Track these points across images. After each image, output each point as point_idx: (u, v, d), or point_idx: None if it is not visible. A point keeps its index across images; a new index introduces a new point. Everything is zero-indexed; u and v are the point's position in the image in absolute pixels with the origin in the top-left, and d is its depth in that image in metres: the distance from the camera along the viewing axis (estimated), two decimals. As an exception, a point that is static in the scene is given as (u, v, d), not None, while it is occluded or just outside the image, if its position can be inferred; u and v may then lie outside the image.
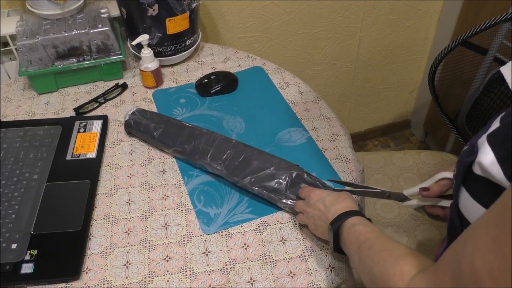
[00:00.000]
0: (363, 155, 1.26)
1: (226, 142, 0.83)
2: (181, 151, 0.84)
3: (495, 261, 0.38)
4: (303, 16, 1.41)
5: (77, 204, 0.78)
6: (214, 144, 0.82)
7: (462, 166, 0.51)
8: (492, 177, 0.47)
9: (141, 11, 0.96)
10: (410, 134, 1.98)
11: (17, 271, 0.68)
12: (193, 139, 0.84)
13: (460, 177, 0.52)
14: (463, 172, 0.51)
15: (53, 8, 0.99)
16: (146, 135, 0.88)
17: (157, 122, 0.88)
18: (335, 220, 0.64)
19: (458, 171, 0.53)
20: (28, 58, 0.96)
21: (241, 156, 0.80)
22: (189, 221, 0.77)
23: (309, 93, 1.02)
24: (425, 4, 1.53)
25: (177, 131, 0.86)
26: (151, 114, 0.91)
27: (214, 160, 0.80)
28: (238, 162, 0.79)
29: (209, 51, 1.14)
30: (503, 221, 0.38)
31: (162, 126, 0.87)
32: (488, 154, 0.47)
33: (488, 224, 0.40)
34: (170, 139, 0.85)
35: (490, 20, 0.97)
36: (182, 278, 0.69)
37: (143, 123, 0.88)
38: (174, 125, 0.87)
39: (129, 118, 0.90)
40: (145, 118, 0.89)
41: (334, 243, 0.65)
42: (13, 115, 0.98)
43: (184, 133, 0.85)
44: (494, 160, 0.46)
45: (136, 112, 0.91)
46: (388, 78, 1.75)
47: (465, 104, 1.15)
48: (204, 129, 0.86)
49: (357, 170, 0.85)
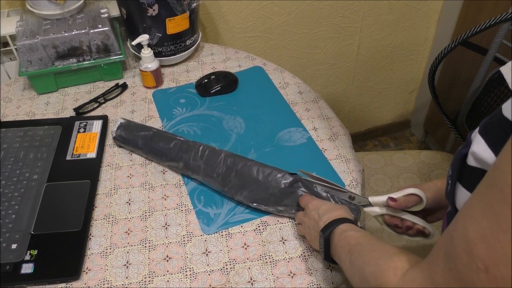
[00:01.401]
0: (363, 155, 1.26)
1: (215, 156, 0.79)
2: (175, 167, 0.83)
3: (487, 224, 0.37)
4: (303, 16, 1.41)
5: (77, 204, 0.78)
6: (203, 159, 0.79)
7: (457, 159, 0.51)
8: (486, 164, 0.47)
9: (141, 11, 0.96)
10: (410, 134, 1.98)
11: (17, 271, 0.68)
12: (182, 154, 0.81)
13: (455, 172, 0.52)
14: (459, 166, 0.51)
15: (53, 8, 0.99)
16: (137, 151, 0.87)
17: (143, 137, 0.85)
18: (326, 227, 0.63)
19: (453, 167, 0.53)
20: (28, 58, 0.96)
21: (232, 171, 0.77)
22: (189, 221, 0.77)
23: (309, 93, 1.02)
24: (425, 4, 1.53)
25: (165, 145, 0.83)
26: (135, 128, 0.87)
27: (207, 176, 0.79)
28: (230, 177, 0.77)
29: (209, 51, 1.14)
30: (493, 182, 0.37)
31: (149, 142, 0.84)
32: (480, 143, 0.47)
33: (479, 191, 0.40)
34: (160, 156, 0.84)
35: (490, 20, 0.97)
36: (182, 278, 0.69)
37: (130, 139, 0.86)
38: (160, 139, 0.84)
39: (116, 135, 0.88)
40: (131, 134, 0.86)
41: (325, 251, 0.63)
42: (13, 115, 0.98)
43: (172, 149, 0.82)
44: (486, 146, 0.46)
45: (121, 127, 0.87)
46: (388, 78, 1.75)
47: (465, 104, 1.15)
48: (190, 141, 0.82)
49: (357, 170, 0.85)
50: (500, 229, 0.35)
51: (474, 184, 0.49)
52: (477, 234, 0.37)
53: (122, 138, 0.87)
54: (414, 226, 0.68)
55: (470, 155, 0.49)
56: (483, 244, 0.36)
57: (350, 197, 0.72)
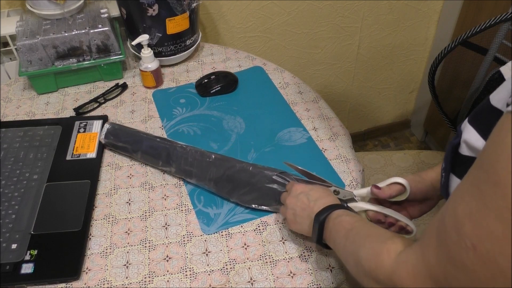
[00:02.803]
0: (363, 155, 1.26)
1: (205, 160, 0.79)
2: (168, 171, 0.83)
3: (473, 202, 0.38)
4: (303, 16, 1.41)
5: (77, 204, 0.78)
6: (194, 164, 0.79)
7: (449, 151, 0.52)
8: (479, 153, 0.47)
9: (141, 11, 0.96)
10: (410, 134, 1.98)
11: (17, 271, 0.68)
12: (172, 161, 0.81)
13: (449, 162, 0.52)
14: (451, 157, 0.52)
15: (53, 8, 0.99)
16: (129, 155, 0.87)
17: (131, 143, 0.84)
18: (321, 212, 0.63)
19: (446, 160, 0.54)
20: (28, 58, 0.96)
21: (223, 174, 0.77)
22: (189, 221, 0.77)
23: (309, 93, 1.02)
24: (425, 4, 1.53)
25: (154, 151, 0.82)
26: (123, 134, 0.86)
27: (200, 180, 0.79)
28: (222, 180, 0.77)
29: (209, 51, 1.14)
30: (480, 163, 0.39)
31: (138, 148, 0.84)
32: (471, 132, 0.48)
33: (469, 173, 0.41)
34: (151, 161, 0.84)
35: (490, 20, 0.97)
36: (182, 278, 0.69)
37: (120, 147, 0.86)
38: (148, 145, 0.83)
39: (105, 142, 0.87)
40: (119, 141, 0.86)
41: (318, 234, 0.64)
42: (13, 115, 0.98)
43: (162, 154, 0.81)
44: (478, 136, 0.47)
45: (109, 134, 0.86)
46: (388, 78, 1.75)
47: (465, 104, 1.15)
48: (178, 146, 0.81)
49: (357, 170, 0.85)
50: (486, 207, 0.36)
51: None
52: (465, 213, 0.38)
53: (112, 145, 0.87)
54: (397, 223, 0.68)
55: (463, 143, 0.50)
56: (470, 222, 0.37)
57: (335, 192, 0.72)
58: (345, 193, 0.72)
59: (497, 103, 0.46)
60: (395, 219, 0.68)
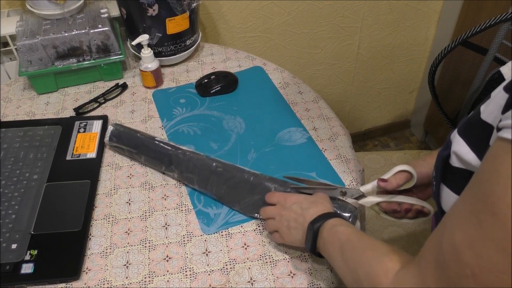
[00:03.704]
0: (363, 155, 1.26)
1: (206, 167, 0.78)
2: (171, 176, 0.83)
3: (473, 232, 0.38)
4: (303, 16, 1.41)
5: (77, 204, 0.78)
6: (195, 171, 0.79)
7: (440, 161, 0.52)
8: (470, 166, 0.48)
9: (141, 11, 0.96)
10: (410, 134, 1.98)
11: (17, 271, 0.68)
12: (174, 167, 0.81)
13: (439, 173, 0.53)
14: (442, 167, 0.52)
15: (53, 8, 0.99)
16: (132, 157, 0.87)
17: (134, 147, 0.84)
18: (315, 220, 0.63)
19: (436, 169, 0.54)
20: (28, 58, 0.96)
21: (224, 183, 0.77)
22: (189, 221, 0.77)
23: (309, 93, 1.02)
24: (425, 4, 1.53)
25: (157, 156, 0.82)
26: (126, 138, 0.85)
27: (202, 187, 0.79)
28: (223, 190, 0.77)
29: (209, 51, 1.14)
30: (477, 191, 0.39)
31: (140, 151, 0.84)
32: (461, 144, 0.49)
33: (464, 199, 0.41)
34: (155, 165, 0.84)
35: (490, 20, 0.97)
36: (182, 278, 0.69)
37: (124, 150, 0.86)
38: (151, 150, 0.82)
39: (110, 145, 0.87)
40: (123, 144, 0.85)
41: (312, 243, 0.63)
42: (13, 115, 0.98)
43: (164, 159, 0.81)
44: (468, 149, 0.48)
45: (113, 136, 0.86)
46: (388, 78, 1.75)
47: (465, 104, 1.15)
48: (180, 151, 0.80)
49: (357, 170, 0.85)
50: (485, 237, 0.37)
51: (458, 184, 0.50)
52: (464, 242, 0.39)
53: (116, 147, 0.87)
54: (413, 208, 0.68)
55: (453, 155, 0.50)
56: (471, 252, 0.38)
57: (341, 192, 0.72)
58: (352, 191, 0.71)
59: (487, 117, 0.47)
60: (410, 204, 0.68)
